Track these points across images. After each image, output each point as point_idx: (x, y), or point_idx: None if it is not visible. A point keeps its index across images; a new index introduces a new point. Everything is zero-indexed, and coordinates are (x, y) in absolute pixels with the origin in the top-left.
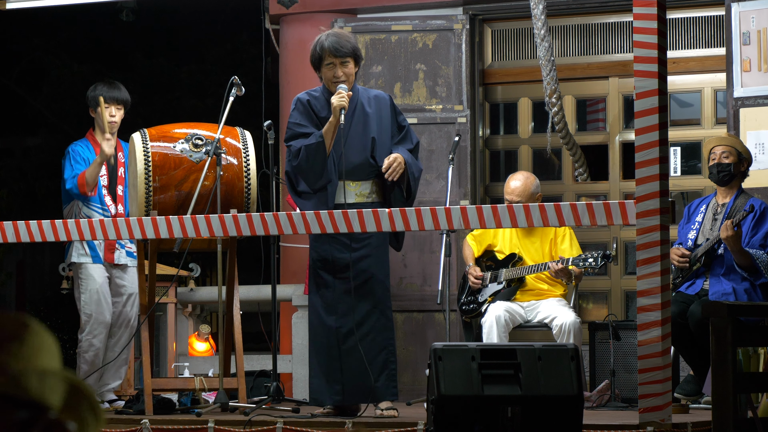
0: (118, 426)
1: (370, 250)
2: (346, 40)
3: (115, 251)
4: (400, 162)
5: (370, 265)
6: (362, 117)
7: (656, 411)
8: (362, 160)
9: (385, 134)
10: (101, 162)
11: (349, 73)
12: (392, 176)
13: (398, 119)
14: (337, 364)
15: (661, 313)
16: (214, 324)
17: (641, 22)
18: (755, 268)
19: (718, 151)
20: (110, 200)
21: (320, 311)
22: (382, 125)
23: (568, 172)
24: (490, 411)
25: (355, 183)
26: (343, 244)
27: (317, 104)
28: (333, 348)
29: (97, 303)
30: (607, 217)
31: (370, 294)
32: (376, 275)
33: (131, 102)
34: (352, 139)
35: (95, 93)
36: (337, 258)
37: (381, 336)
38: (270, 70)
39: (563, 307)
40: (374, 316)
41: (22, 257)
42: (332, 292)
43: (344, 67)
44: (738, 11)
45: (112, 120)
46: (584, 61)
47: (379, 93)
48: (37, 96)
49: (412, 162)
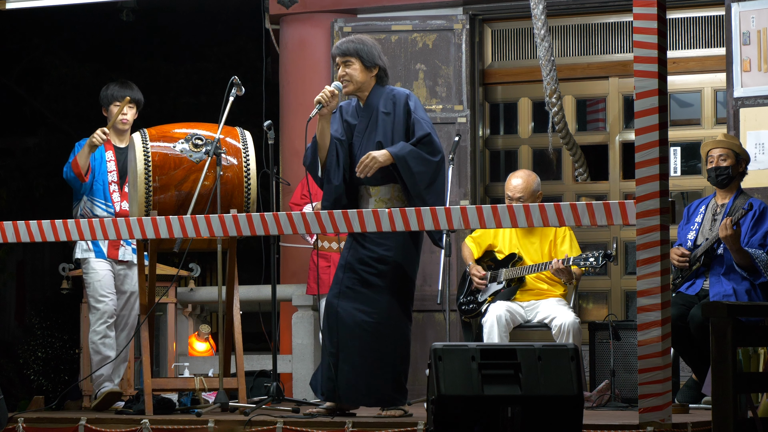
0: (118, 426)
1: (387, 253)
2: (352, 42)
3: (120, 248)
4: (372, 158)
5: (390, 268)
6: (376, 121)
7: (656, 411)
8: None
9: (397, 135)
10: (90, 147)
11: (353, 73)
12: (362, 173)
13: (412, 115)
14: (334, 361)
15: (661, 313)
16: (214, 324)
17: (641, 22)
18: (754, 267)
19: (716, 154)
20: (118, 196)
21: (348, 307)
22: (395, 126)
23: (568, 172)
24: (490, 411)
25: (374, 189)
26: (362, 246)
27: (348, 109)
28: (332, 346)
29: (100, 292)
30: (607, 217)
31: (389, 295)
32: (396, 277)
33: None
34: (367, 143)
35: (108, 92)
36: (353, 258)
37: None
38: (270, 70)
39: (563, 307)
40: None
41: (22, 257)
42: (349, 292)
43: (347, 66)
44: (738, 11)
45: (124, 118)
46: (584, 61)
47: (399, 92)
48: (38, 96)
49: (406, 153)
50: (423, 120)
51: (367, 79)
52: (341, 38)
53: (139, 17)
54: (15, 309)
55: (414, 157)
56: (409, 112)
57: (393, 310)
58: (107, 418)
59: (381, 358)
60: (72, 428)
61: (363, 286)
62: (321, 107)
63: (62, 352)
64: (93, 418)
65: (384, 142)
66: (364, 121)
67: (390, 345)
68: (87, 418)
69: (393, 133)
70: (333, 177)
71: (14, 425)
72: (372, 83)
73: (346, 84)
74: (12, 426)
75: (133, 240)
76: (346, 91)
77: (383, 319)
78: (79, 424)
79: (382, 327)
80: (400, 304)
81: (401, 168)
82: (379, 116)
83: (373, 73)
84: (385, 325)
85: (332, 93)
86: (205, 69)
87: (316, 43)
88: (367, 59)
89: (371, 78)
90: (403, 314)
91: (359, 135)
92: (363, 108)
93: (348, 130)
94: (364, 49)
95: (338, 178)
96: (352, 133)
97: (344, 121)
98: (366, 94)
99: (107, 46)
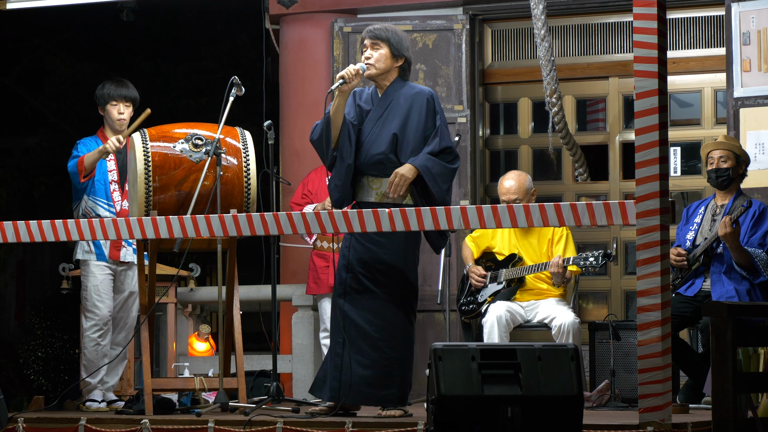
0: (118, 426)
1: (386, 253)
2: (385, 28)
3: (121, 249)
4: (401, 176)
5: (386, 269)
6: (393, 112)
7: (656, 411)
8: (381, 155)
9: (413, 132)
10: (100, 153)
11: (379, 58)
12: (395, 193)
13: (435, 118)
14: (338, 361)
15: (661, 313)
16: (214, 324)
17: (641, 22)
18: (754, 266)
19: (716, 156)
20: (119, 195)
21: (348, 310)
22: (411, 122)
23: (568, 172)
24: (490, 411)
25: (377, 181)
26: (362, 245)
27: (362, 95)
28: (338, 346)
29: (95, 299)
30: (607, 217)
31: (391, 300)
32: (397, 280)
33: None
34: (379, 133)
35: (104, 91)
36: (354, 259)
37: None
38: (270, 70)
39: (562, 307)
40: (390, 319)
41: (22, 257)
42: (345, 293)
43: (374, 49)
44: (738, 11)
45: (120, 117)
46: (584, 61)
47: (422, 89)
48: (38, 96)
49: (432, 165)
50: (446, 128)
51: (391, 68)
52: (341, 38)
53: (139, 17)
54: (15, 309)
55: (435, 165)
56: (435, 112)
57: (397, 315)
58: (107, 418)
59: (387, 358)
60: (72, 428)
61: (366, 292)
62: (342, 83)
63: (62, 352)
64: (93, 419)
65: (399, 135)
66: (380, 110)
67: (396, 346)
68: (87, 418)
69: (409, 128)
70: (346, 156)
71: (14, 425)
72: (395, 74)
73: (370, 67)
74: (12, 426)
75: (134, 240)
76: (367, 74)
77: (388, 325)
78: (79, 424)
79: (388, 331)
80: (403, 308)
81: (428, 179)
82: (397, 108)
83: (398, 63)
84: (390, 330)
85: (356, 71)
86: (205, 69)
87: (316, 43)
88: (395, 47)
89: (395, 68)
90: (406, 317)
91: (371, 122)
92: (381, 96)
93: (359, 115)
94: (395, 38)
95: (351, 157)
96: (363, 118)
97: (357, 105)
98: (386, 83)
99: (107, 46)
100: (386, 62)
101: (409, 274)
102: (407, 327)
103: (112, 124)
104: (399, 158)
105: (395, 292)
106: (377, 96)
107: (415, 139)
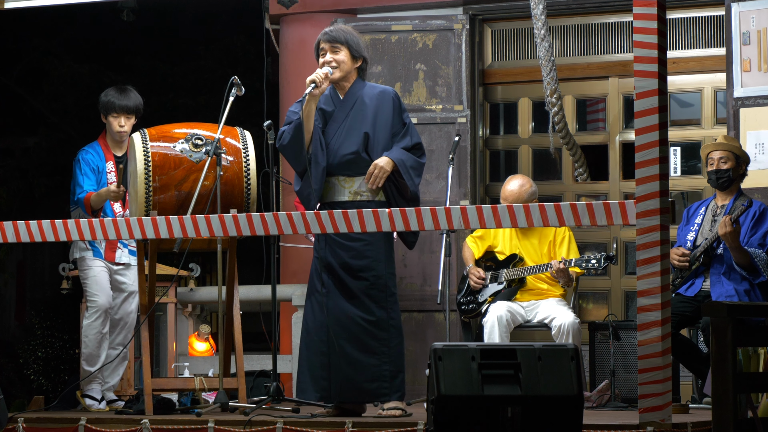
0: (118, 426)
1: (367, 251)
2: (341, 30)
3: (117, 250)
4: (380, 167)
5: (367, 265)
6: (360, 112)
7: (656, 411)
8: (353, 154)
9: (382, 130)
10: (105, 197)
11: (340, 60)
12: (374, 183)
13: (402, 116)
14: (325, 360)
15: (661, 313)
16: (214, 324)
17: (641, 22)
18: (754, 266)
19: (716, 156)
20: (119, 206)
21: (315, 309)
22: (380, 121)
23: (568, 172)
24: (490, 411)
25: (348, 180)
26: (340, 245)
27: (321, 97)
28: (323, 345)
29: (95, 288)
30: (607, 217)
31: (367, 294)
32: (374, 275)
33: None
34: (348, 133)
35: (106, 100)
36: (334, 259)
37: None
38: (270, 70)
39: (563, 307)
40: (370, 315)
41: (22, 257)
42: (328, 292)
43: (334, 53)
44: (738, 11)
45: (121, 130)
46: (584, 61)
47: (386, 89)
48: (38, 96)
49: (406, 159)
50: (413, 124)
51: (352, 69)
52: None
53: (138, 17)
54: (15, 309)
55: (409, 159)
56: (401, 110)
57: (381, 310)
58: (107, 418)
59: (374, 351)
60: (72, 428)
61: (347, 293)
62: (314, 87)
63: (62, 352)
64: (93, 419)
65: (371, 134)
66: (344, 111)
67: (383, 340)
68: (87, 418)
69: (379, 127)
70: (321, 159)
71: (14, 425)
72: (355, 75)
73: (335, 70)
74: (12, 426)
75: (132, 241)
76: (332, 78)
77: (373, 320)
78: (79, 424)
79: (374, 326)
80: (387, 301)
81: (403, 172)
82: (364, 108)
83: (357, 64)
84: (376, 325)
85: (326, 75)
86: (205, 69)
87: None
88: (354, 48)
89: (355, 69)
90: (391, 309)
91: (336, 123)
92: (343, 97)
93: (322, 116)
94: (353, 39)
95: (324, 159)
96: (327, 120)
97: (318, 108)
98: (347, 84)
99: (107, 46)
100: (348, 64)
101: (389, 267)
102: (394, 319)
103: (113, 134)
104: (371, 156)
105: (375, 294)
106: (338, 97)
107: (384, 137)
